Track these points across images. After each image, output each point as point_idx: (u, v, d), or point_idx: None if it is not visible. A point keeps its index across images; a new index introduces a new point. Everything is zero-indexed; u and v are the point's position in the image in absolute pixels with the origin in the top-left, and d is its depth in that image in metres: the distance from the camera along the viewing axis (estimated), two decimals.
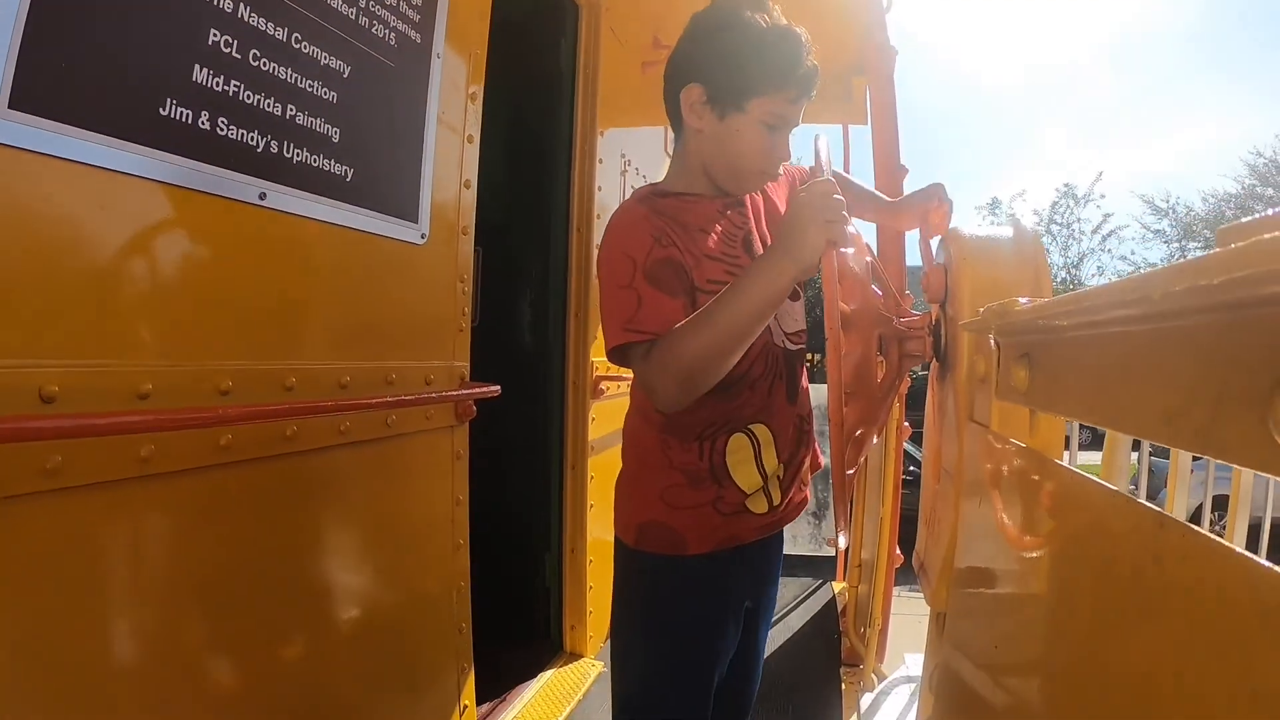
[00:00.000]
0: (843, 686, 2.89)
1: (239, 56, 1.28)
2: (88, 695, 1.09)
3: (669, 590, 1.45)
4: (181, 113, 1.19)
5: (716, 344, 1.23)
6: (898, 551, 2.95)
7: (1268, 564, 0.45)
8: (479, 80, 2.00)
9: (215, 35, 1.24)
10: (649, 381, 1.29)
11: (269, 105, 1.34)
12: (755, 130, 1.39)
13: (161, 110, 1.16)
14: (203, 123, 1.22)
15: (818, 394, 1.66)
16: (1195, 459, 2.06)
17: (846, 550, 3.87)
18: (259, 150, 1.33)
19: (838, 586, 3.99)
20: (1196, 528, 0.52)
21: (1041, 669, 0.82)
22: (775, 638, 3.34)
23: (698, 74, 1.40)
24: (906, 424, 3.11)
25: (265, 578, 1.40)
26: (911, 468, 6.52)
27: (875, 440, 1.50)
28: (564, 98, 2.96)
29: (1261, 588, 0.45)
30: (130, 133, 1.11)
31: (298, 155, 1.41)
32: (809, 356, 1.58)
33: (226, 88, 1.26)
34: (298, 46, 1.40)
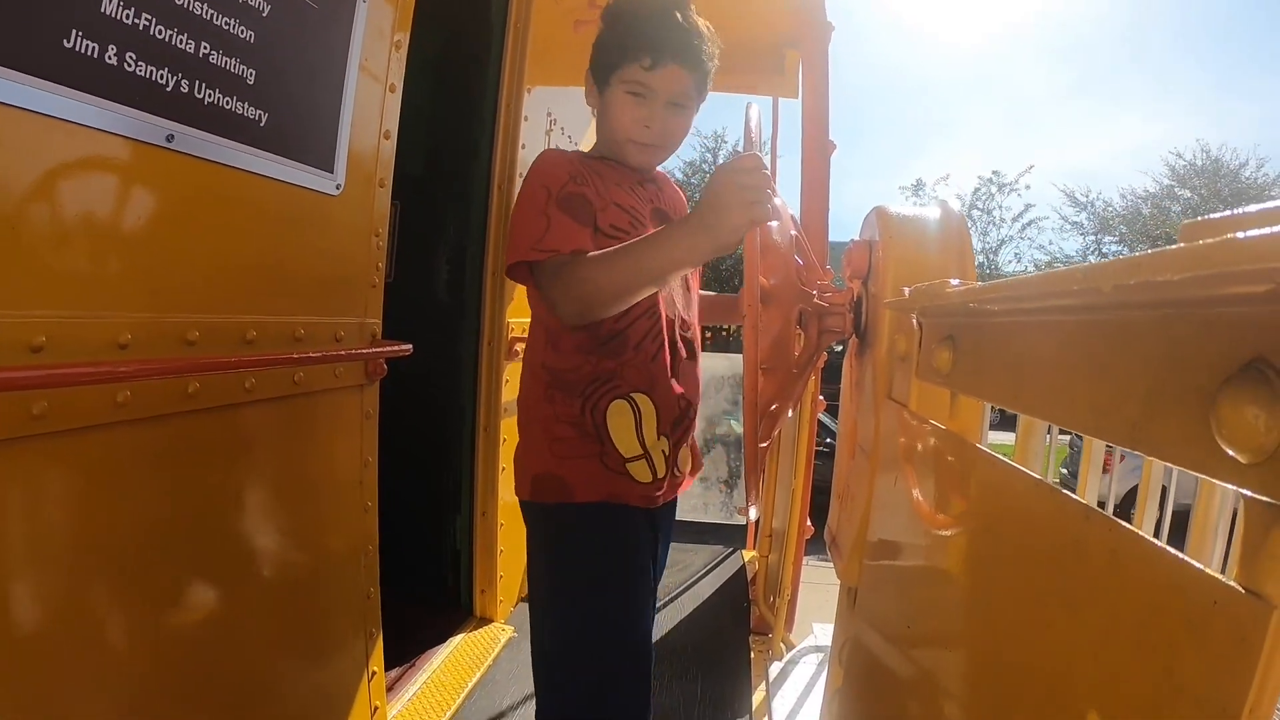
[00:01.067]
0: (751, 655, 2.93)
1: None
2: None
3: (568, 535, 1.46)
4: (88, 46, 1.10)
5: (617, 287, 1.27)
6: (808, 523, 2.99)
7: (1194, 563, 0.45)
8: (405, 28, 1.92)
9: None
10: (552, 296, 1.34)
11: (181, 42, 1.25)
12: (621, 101, 1.45)
13: (66, 43, 1.08)
14: (109, 58, 1.14)
15: (733, 365, 1.67)
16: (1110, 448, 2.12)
17: (758, 521, 3.92)
18: (168, 89, 1.24)
19: (748, 555, 4.04)
20: (1122, 522, 0.52)
21: (955, 648, 0.82)
22: (684, 605, 3.37)
23: (589, 63, 1.51)
24: (821, 398, 3.14)
25: (165, 542, 1.33)
26: (828, 440, 6.64)
27: (790, 415, 1.49)
28: (492, 51, 2.86)
29: (1188, 586, 0.45)
30: (31, 66, 1.02)
31: (209, 96, 1.32)
32: (724, 329, 1.59)
33: (137, 21, 1.17)
34: None
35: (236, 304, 1.45)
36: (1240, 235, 0.35)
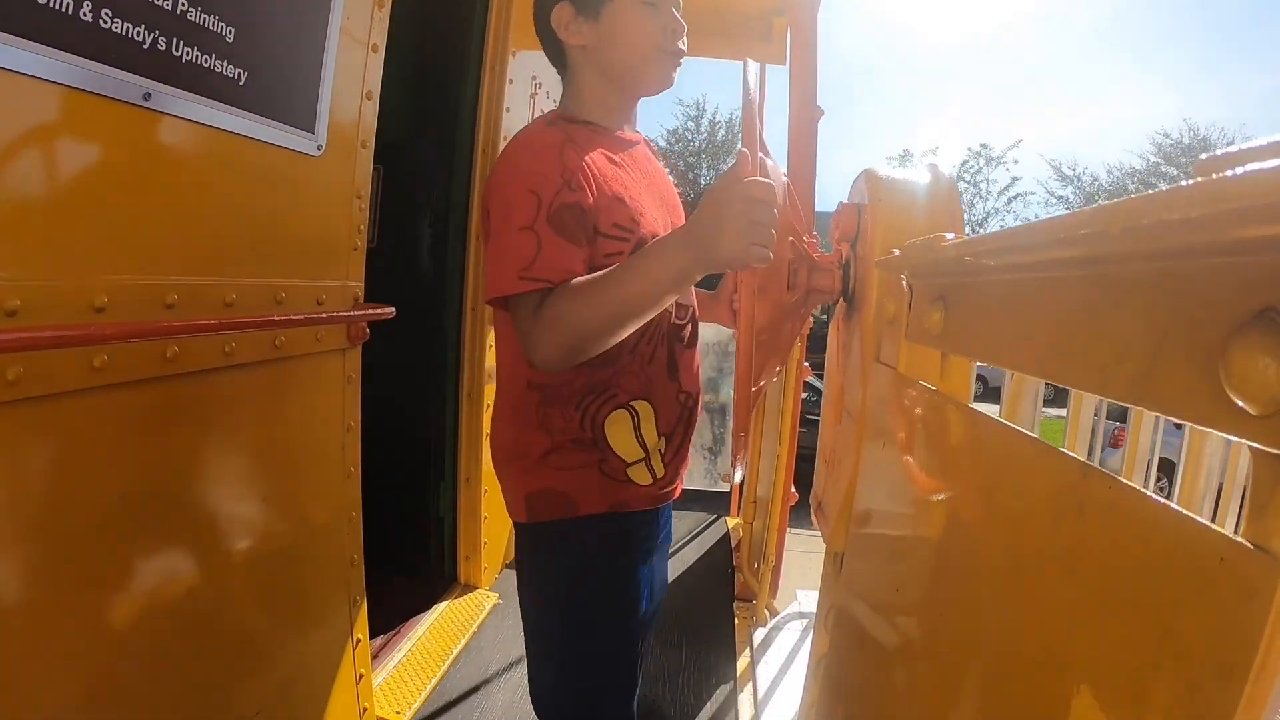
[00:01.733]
0: (736, 621, 2.94)
1: None
2: None
3: (573, 551, 1.37)
4: (62, 2, 1.07)
5: (609, 322, 1.16)
6: (793, 489, 2.99)
7: (1200, 519, 0.44)
8: None
9: None
10: (532, 337, 1.19)
11: None
12: (636, 13, 1.32)
13: None
14: (84, 14, 1.10)
15: (717, 331, 1.63)
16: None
17: (742, 486, 3.93)
18: (145, 47, 1.20)
19: (731, 522, 4.06)
20: (1122, 479, 0.51)
21: (946, 613, 0.82)
22: (670, 571, 3.38)
23: None
24: (806, 364, 3.14)
25: (145, 509, 1.31)
26: (813, 408, 6.66)
27: (778, 372, 1.48)
28: (476, 14, 2.81)
29: (1192, 544, 0.44)
30: (3, 22, 0.99)
31: (187, 54, 1.28)
32: None
33: None
34: None
35: (216, 266, 1.42)
36: (1260, 166, 0.34)
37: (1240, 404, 0.39)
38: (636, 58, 1.35)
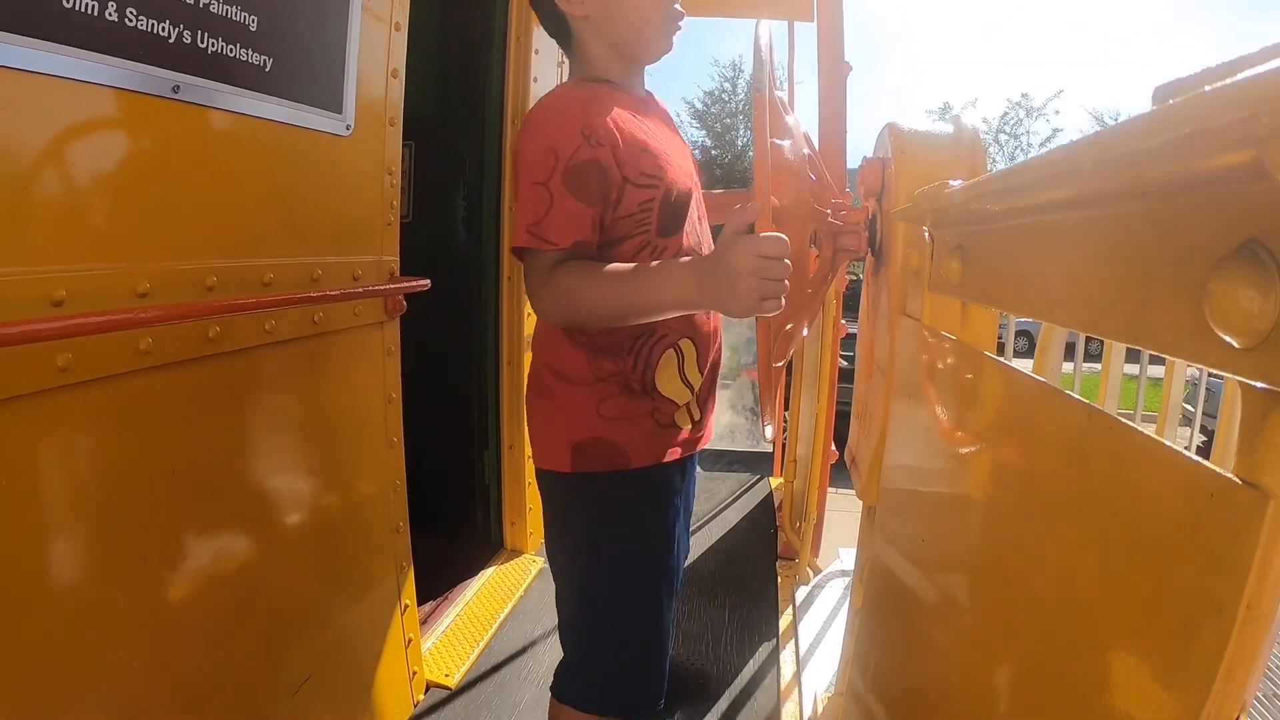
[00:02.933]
0: (779, 580, 2.95)
1: None
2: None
3: (622, 508, 1.39)
4: (87, 4, 1.09)
5: (608, 315, 1.22)
6: (833, 448, 2.99)
7: (1190, 455, 0.44)
8: None
9: None
10: (540, 297, 1.25)
11: None
12: None
13: (66, 3, 1.07)
14: (109, 14, 1.13)
15: None
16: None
17: (784, 446, 3.93)
18: (170, 41, 1.23)
19: (774, 482, 4.07)
20: (1123, 419, 0.51)
21: (965, 561, 0.82)
22: (713, 533, 3.41)
23: None
24: (844, 322, 3.12)
25: (192, 486, 1.36)
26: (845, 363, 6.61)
27: (805, 333, 1.47)
28: None
29: (1184, 481, 0.44)
30: (31, 27, 1.02)
31: (212, 45, 1.31)
32: None
33: None
34: None
35: (253, 248, 1.46)
36: (1208, 89, 0.33)
37: (1225, 338, 0.39)
38: (639, 24, 1.34)
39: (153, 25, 1.21)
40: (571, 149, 1.22)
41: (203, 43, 1.30)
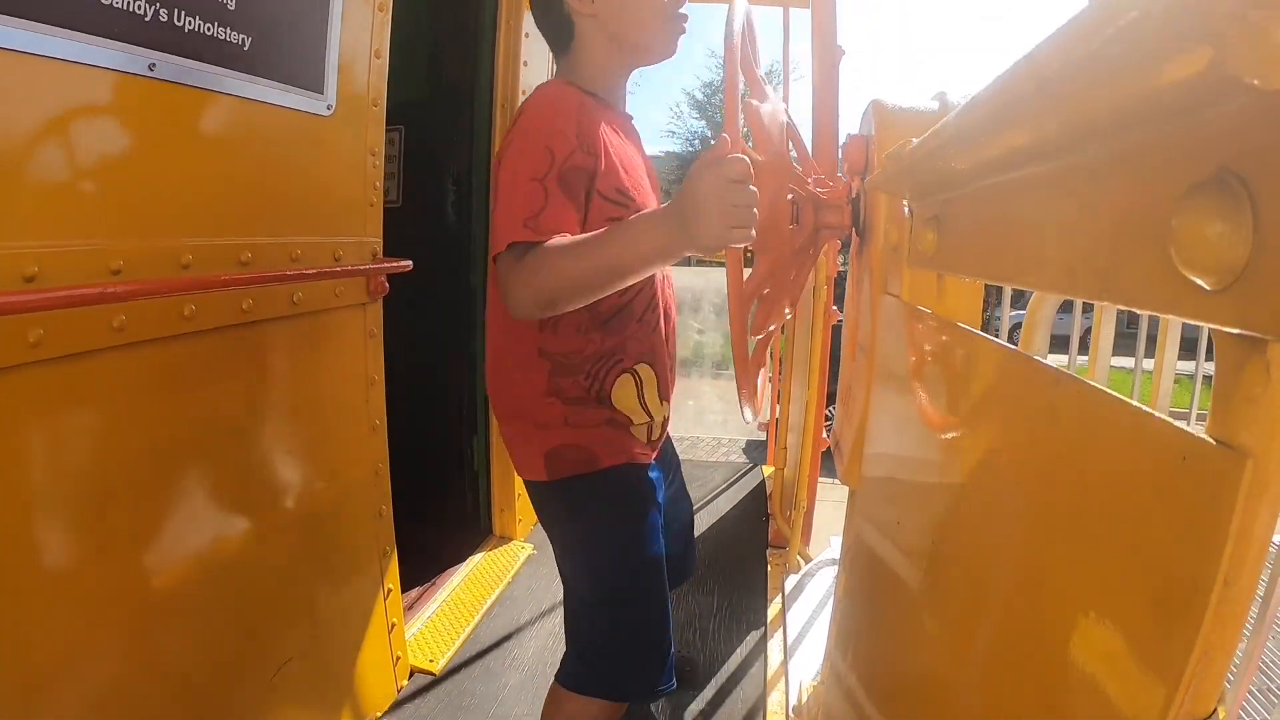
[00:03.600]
0: (769, 568, 2.93)
1: None
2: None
3: (599, 507, 1.42)
4: None
5: (588, 282, 1.16)
6: (824, 435, 2.96)
7: (1160, 416, 0.41)
8: None
9: None
10: (510, 285, 1.20)
11: None
12: None
13: None
14: None
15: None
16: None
17: (766, 423, 3.91)
18: (146, 19, 1.22)
19: (767, 470, 4.04)
20: (1092, 383, 0.48)
21: (939, 537, 0.80)
22: (705, 519, 3.39)
23: None
24: (835, 309, 3.09)
25: (168, 466, 1.35)
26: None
27: (788, 312, 1.44)
28: None
29: (1154, 444, 0.41)
30: (7, 6, 1.02)
31: (190, 23, 1.30)
32: None
33: None
34: None
35: (230, 227, 1.45)
36: None
37: (1195, 280, 0.35)
38: (647, 22, 1.36)
39: (128, 2, 1.20)
40: (566, 151, 1.23)
41: (179, 20, 1.29)
